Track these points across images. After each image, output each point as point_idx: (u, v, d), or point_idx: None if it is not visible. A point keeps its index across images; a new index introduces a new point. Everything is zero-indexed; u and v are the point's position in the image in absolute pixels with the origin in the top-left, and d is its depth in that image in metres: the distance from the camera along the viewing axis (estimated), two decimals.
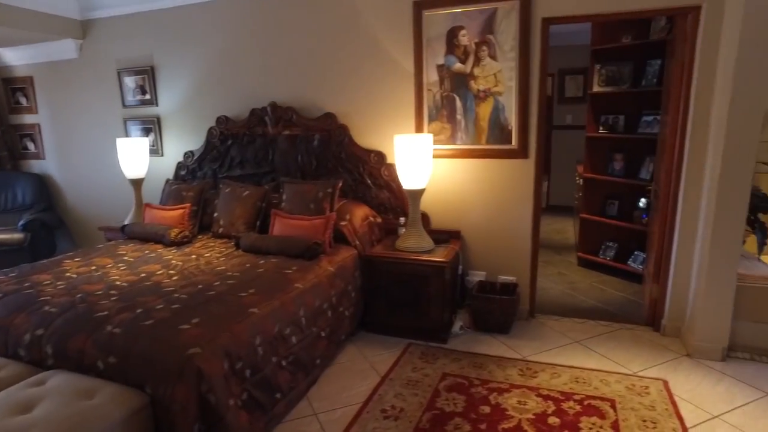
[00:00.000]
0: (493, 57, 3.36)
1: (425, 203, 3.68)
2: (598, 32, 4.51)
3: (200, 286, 2.61)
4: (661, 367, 2.93)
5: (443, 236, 3.56)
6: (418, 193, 3.34)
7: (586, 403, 2.58)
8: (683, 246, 3.18)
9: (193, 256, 3.22)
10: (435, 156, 3.58)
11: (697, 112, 3.03)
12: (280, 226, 3.42)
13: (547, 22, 3.25)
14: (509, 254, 3.57)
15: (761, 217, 3.25)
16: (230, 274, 2.84)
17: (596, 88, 4.54)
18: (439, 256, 3.23)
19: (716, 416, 2.47)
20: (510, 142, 3.40)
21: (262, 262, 3.05)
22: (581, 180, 4.82)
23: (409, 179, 3.29)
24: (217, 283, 2.68)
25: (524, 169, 3.42)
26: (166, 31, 4.30)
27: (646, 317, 3.50)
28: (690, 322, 3.14)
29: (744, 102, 2.70)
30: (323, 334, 2.87)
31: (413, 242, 3.33)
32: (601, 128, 4.57)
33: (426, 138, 3.30)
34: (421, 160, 3.25)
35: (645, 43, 4.23)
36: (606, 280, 4.44)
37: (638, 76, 4.32)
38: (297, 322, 2.62)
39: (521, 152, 3.38)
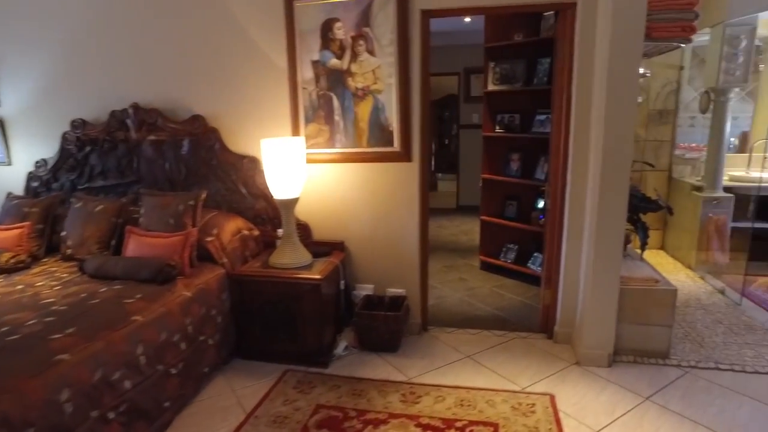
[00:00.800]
0: (371, 52, 3.09)
1: (306, 213, 3.37)
2: (491, 29, 4.38)
3: (6, 329, 2.14)
4: (550, 380, 2.78)
5: (325, 249, 3.26)
6: (290, 203, 3.01)
7: (467, 430, 2.36)
8: (571, 249, 3.06)
9: (20, 287, 2.71)
10: (313, 161, 3.27)
11: (579, 111, 2.91)
12: (134, 246, 2.98)
13: (427, 14, 3.03)
14: (397, 265, 3.32)
15: (643, 217, 3.20)
16: (55, 308, 2.37)
17: (491, 87, 4.42)
18: (314, 272, 2.92)
19: (597, 431, 2.34)
20: (392, 144, 3.15)
21: (102, 290, 2.60)
22: (480, 181, 4.69)
23: (279, 188, 2.95)
24: (32, 321, 2.21)
25: (408, 173, 3.18)
26: (5, 13, 3.69)
27: (540, 324, 3.38)
28: (578, 328, 3.02)
29: (618, 100, 2.59)
30: (174, 371, 2.47)
31: (288, 257, 3.00)
32: (497, 127, 4.45)
33: (297, 141, 2.97)
34: (293, 167, 2.93)
35: (536, 41, 4.15)
36: (506, 285, 4.32)
37: (531, 75, 4.23)
38: (132, 363, 2.21)
39: (404, 155, 3.14)
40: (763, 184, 4.58)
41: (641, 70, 4.70)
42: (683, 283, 4.29)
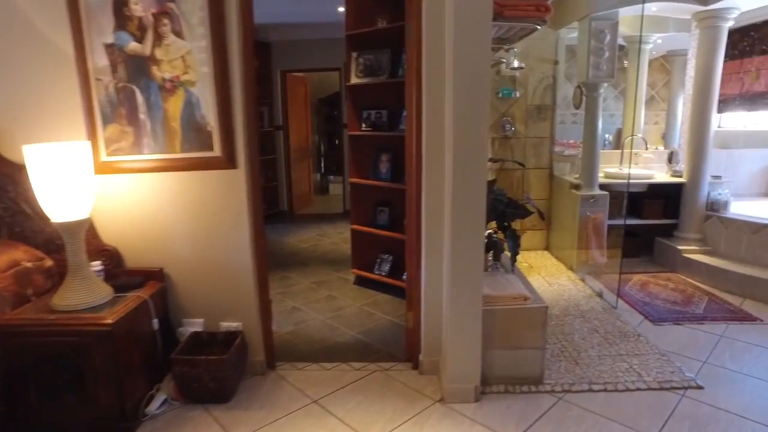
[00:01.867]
0: (178, 34, 2.47)
1: (114, 235, 2.68)
2: (352, 14, 3.90)
3: None
4: (407, 426, 2.33)
5: (138, 279, 2.60)
6: (76, 227, 2.31)
7: None
8: (432, 264, 2.65)
9: None
10: (118, 171, 2.60)
11: (432, 105, 2.49)
12: None
13: None
14: (230, 293, 2.73)
15: (515, 224, 2.87)
16: None
17: (354, 80, 3.94)
18: (105, 314, 2.25)
19: None
20: (211, 148, 2.55)
21: None
22: (350, 186, 4.21)
23: (57, 208, 2.25)
24: None
25: (234, 183, 2.59)
26: None
27: (405, 352, 2.94)
28: (444, 357, 2.61)
29: (468, 89, 2.18)
30: None
31: (74, 297, 2.31)
32: (363, 125, 3.99)
33: (79, 147, 2.28)
34: (75, 180, 2.24)
35: (401, 27, 3.71)
36: (379, 301, 3.88)
37: (396, 65, 3.80)
38: None
39: (227, 161, 2.55)
40: (632, 181, 4.52)
41: (516, 63, 4.47)
42: (564, 287, 4.09)
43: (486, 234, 2.88)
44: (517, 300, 2.51)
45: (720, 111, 6.14)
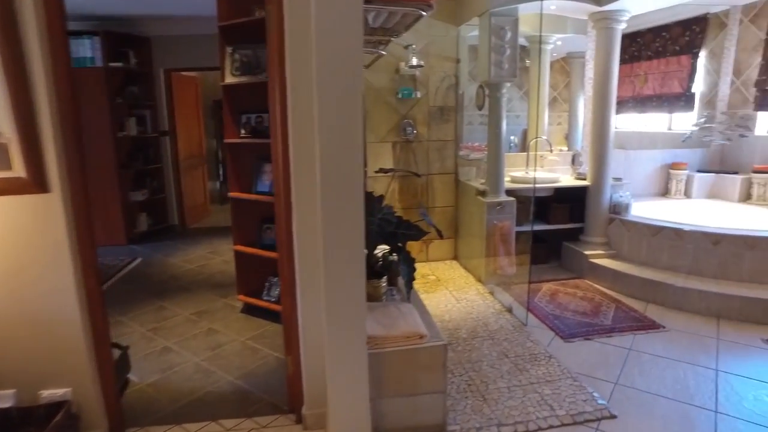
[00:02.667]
0: None
1: None
2: (224, 1, 3.36)
3: None
4: None
5: None
6: None
7: None
8: (310, 297, 2.19)
9: None
10: None
11: (298, 106, 2.04)
12: None
13: None
14: (50, 351, 2.11)
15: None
16: None
17: (230, 79, 3.40)
18: None
19: None
20: (9, 167, 1.93)
21: None
22: (231, 201, 3.66)
23: None
24: None
25: (46, 211, 1.98)
26: None
27: (288, 402, 2.47)
28: (329, 411, 2.17)
29: (335, 84, 1.76)
30: None
31: None
32: (242, 131, 3.46)
33: None
34: None
35: None
36: (268, 333, 3.37)
37: None
38: None
39: (34, 183, 1.94)
40: (538, 185, 4.36)
41: (414, 61, 4.13)
42: (473, 302, 3.80)
43: (380, 255, 2.49)
44: (411, 339, 2.12)
45: (616, 113, 6.27)
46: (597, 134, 4.30)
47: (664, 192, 5.23)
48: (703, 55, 5.20)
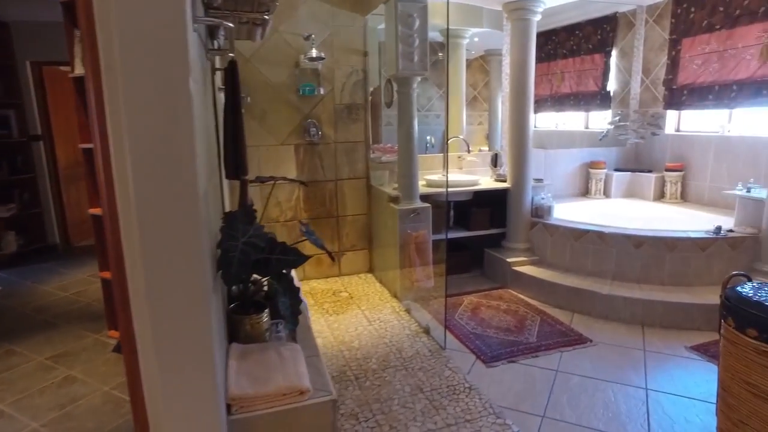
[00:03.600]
0: None
1: None
2: None
3: None
4: None
5: None
6: None
7: None
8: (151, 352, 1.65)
9: None
10: None
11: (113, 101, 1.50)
12: None
13: None
14: None
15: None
16: None
17: (81, 70, 2.76)
18: None
19: None
20: None
21: None
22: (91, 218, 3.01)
23: None
24: None
25: None
26: None
27: None
28: None
29: (149, 67, 1.24)
30: None
31: None
32: None
33: None
34: None
35: None
36: None
37: None
38: None
39: None
40: (456, 189, 4.04)
41: (314, 53, 3.67)
42: (387, 323, 3.38)
43: (264, 283, 2.00)
44: (289, 396, 1.64)
45: (535, 111, 6.14)
46: (515, 133, 4.03)
47: (585, 192, 5.10)
48: (614, 53, 5.13)
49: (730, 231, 3.54)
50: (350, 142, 4.20)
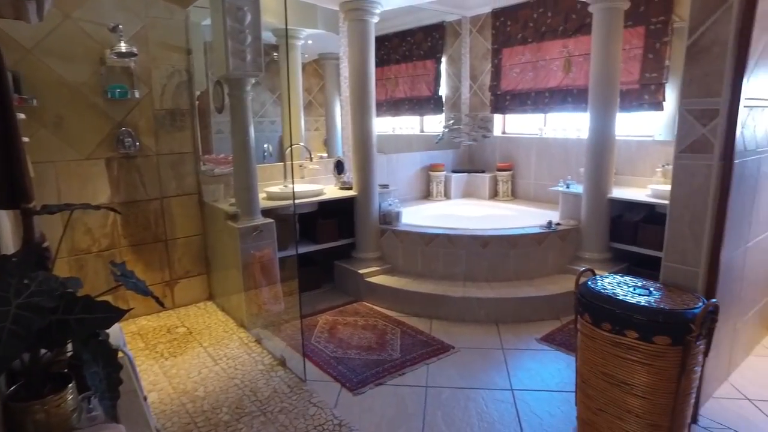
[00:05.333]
0: None
1: None
2: None
3: None
4: None
5: None
6: None
7: None
8: None
9: None
10: None
11: None
12: None
13: None
14: None
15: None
16: None
17: None
18: None
19: None
20: None
21: None
22: None
23: None
24: None
25: None
26: None
27: None
28: None
29: None
30: None
31: None
32: None
33: None
34: None
35: None
36: None
37: None
38: None
39: None
40: (300, 200, 3.74)
41: (123, 47, 3.06)
42: (236, 360, 2.93)
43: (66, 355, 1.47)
44: None
45: None
46: (359, 138, 3.88)
47: (427, 194, 5.19)
48: (444, 60, 5.33)
49: (558, 224, 3.83)
50: (176, 153, 3.63)
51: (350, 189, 4.06)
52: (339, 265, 4.07)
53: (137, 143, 3.40)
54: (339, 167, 4.37)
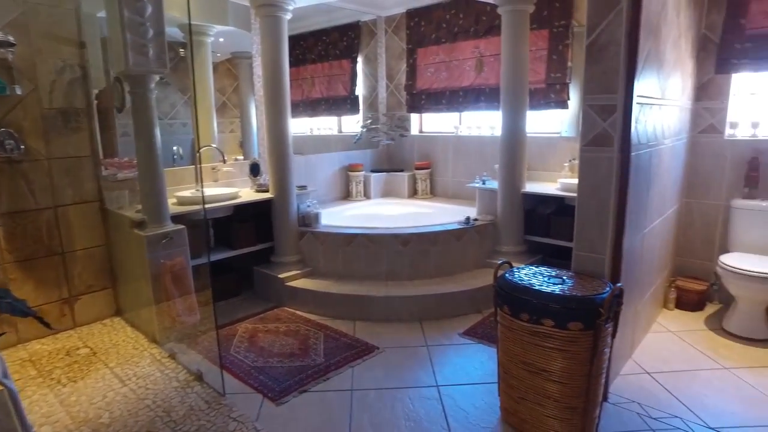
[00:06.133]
0: None
1: None
2: None
3: None
4: None
5: None
6: None
7: None
8: None
9: None
10: None
11: None
12: None
13: None
14: None
15: None
16: None
17: None
18: None
19: None
20: None
21: None
22: None
23: None
24: None
25: None
26: None
27: None
28: None
29: None
30: None
31: None
32: None
33: None
34: None
35: None
36: None
37: None
38: None
39: None
40: (214, 204, 3.57)
41: None
42: (147, 378, 2.71)
43: None
44: None
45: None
46: (274, 139, 3.75)
47: (347, 195, 5.15)
48: (360, 60, 5.31)
49: (476, 220, 3.93)
50: (72, 157, 3.30)
51: (267, 191, 3.92)
52: (258, 270, 3.91)
53: (21, 146, 3.05)
54: (255, 169, 4.21)
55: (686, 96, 3.29)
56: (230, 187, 4.02)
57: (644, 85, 2.34)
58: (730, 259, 3.09)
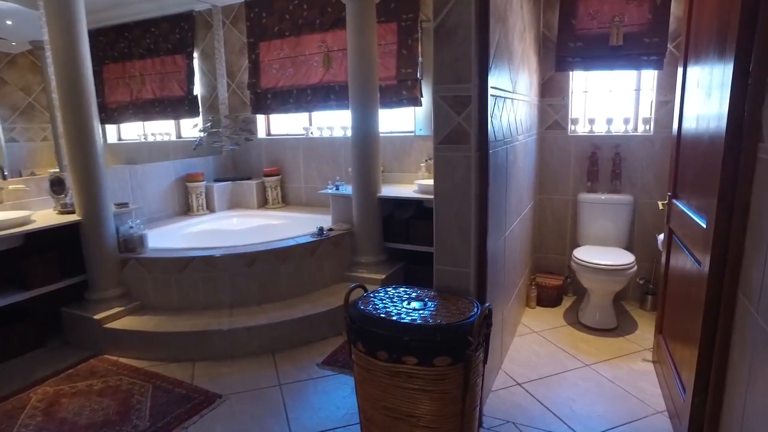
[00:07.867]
0: None
1: None
2: None
3: None
4: None
5: None
6: None
7: None
8: None
9: None
10: None
11: None
12: None
13: None
14: None
15: None
16: None
17: None
18: None
19: None
20: None
21: None
22: None
23: None
24: None
25: None
26: None
27: None
28: None
29: None
30: None
31: None
32: None
33: None
34: None
35: None
36: None
37: None
38: None
39: None
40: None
41: None
42: None
43: None
44: None
45: (116, 121, 5.09)
46: (77, 147, 2.99)
47: (186, 209, 4.45)
48: (197, 55, 4.66)
49: (330, 230, 3.56)
50: None
51: (73, 213, 3.14)
52: (67, 312, 3.12)
53: None
54: (57, 185, 3.37)
55: (534, 92, 3.26)
56: (21, 210, 3.15)
57: (497, 77, 2.15)
58: (582, 253, 3.10)
